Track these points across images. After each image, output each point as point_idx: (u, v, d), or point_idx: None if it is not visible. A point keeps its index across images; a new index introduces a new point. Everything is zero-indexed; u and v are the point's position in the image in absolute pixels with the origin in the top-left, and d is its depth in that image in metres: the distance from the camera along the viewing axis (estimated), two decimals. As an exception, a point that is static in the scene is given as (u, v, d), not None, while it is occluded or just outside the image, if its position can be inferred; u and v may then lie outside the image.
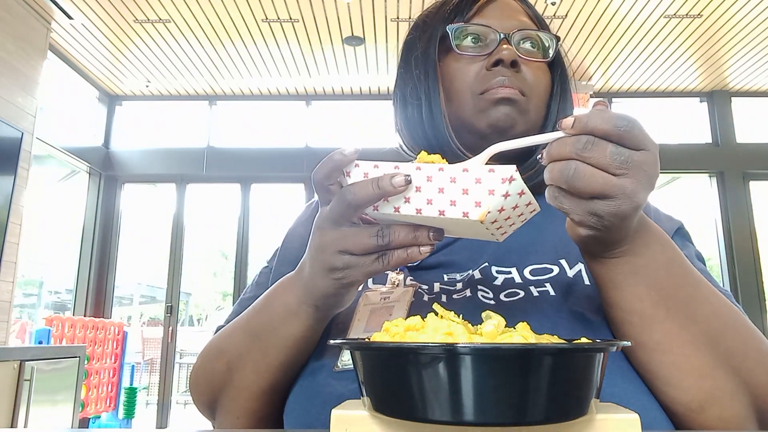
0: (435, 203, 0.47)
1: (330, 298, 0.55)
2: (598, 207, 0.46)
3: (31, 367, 3.00)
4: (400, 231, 0.50)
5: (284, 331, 0.59)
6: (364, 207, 0.50)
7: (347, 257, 0.52)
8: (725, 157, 5.44)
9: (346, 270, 0.52)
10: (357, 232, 0.51)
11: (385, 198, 0.49)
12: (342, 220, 0.52)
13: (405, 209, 0.49)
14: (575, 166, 0.45)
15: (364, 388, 0.40)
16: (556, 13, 4.20)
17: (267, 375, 0.60)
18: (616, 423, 0.38)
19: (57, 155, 4.86)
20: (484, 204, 0.45)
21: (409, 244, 0.50)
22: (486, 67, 0.70)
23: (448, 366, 0.34)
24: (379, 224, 0.51)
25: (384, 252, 0.51)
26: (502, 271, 0.66)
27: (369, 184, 0.49)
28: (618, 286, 0.52)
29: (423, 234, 0.50)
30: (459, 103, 0.71)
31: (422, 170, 0.48)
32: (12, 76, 3.81)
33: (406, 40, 0.80)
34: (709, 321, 0.52)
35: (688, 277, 0.53)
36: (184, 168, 5.57)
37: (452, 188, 0.47)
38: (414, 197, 0.48)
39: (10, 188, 3.74)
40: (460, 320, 0.42)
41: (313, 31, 4.49)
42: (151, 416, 5.33)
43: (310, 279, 0.55)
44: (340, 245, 0.52)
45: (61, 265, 5.37)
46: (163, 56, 4.89)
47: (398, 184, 0.47)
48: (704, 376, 0.51)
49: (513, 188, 0.45)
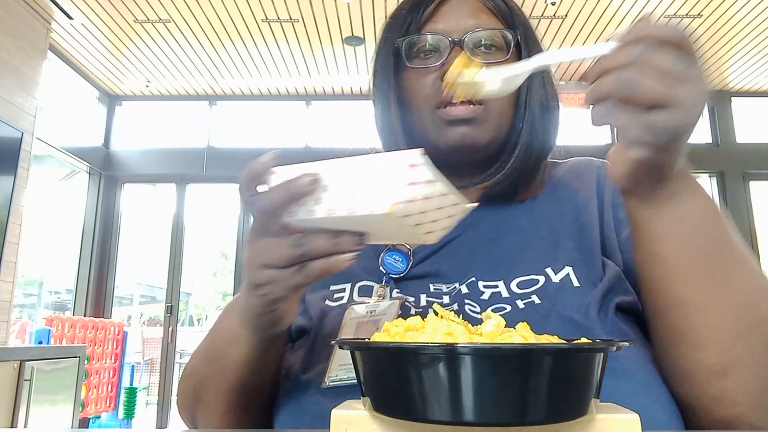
0: (344, 201, 0.43)
1: (262, 318, 0.52)
2: (657, 119, 0.43)
3: (31, 367, 3.00)
4: (319, 238, 0.47)
5: (232, 355, 0.57)
6: (277, 214, 0.47)
7: (269, 271, 0.48)
8: (725, 157, 5.44)
9: (269, 285, 0.49)
10: (276, 243, 0.48)
11: (299, 202, 0.46)
12: (263, 232, 0.49)
13: (319, 212, 0.45)
14: (636, 72, 0.43)
15: (364, 388, 0.40)
16: (556, 13, 4.20)
17: (228, 396, 0.60)
18: (616, 423, 0.38)
19: (57, 155, 4.86)
20: (390, 195, 0.41)
21: (330, 252, 0.47)
22: (439, 78, 0.67)
23: (448, 366, 0.34)
24: (303, 233, 0.48)
25: (305, 263, 0.48)
26: (489, 285, 0.64)
27: (278, 189, 0.46)
28: (664, 236, 0.51)
29: (344, 240, 0.47)
30: (419, 118, 0.70)
31: (331, 166, 0.45)
32: (12, 76, 3.80)
33: (377, 42, 0.78)
34: (747, 283, 0.51)
35: (729, 234, 0.52)
36: (184, 168, 5.56)
37: (358, 182, 0.43)
38: (325, 197, 0.45)
39: (10, 188, 3.74)
40: (460, 320, 0.42)
41: (313, 31, 4.48)
42: (151, 416, 5.34)
43: (244, 299, 0.53)
44: (262, 258, 0.49)
45: (61, 265, 5.37)
46: (163, 56, 4.89)
47: (304, 184, 0.44)
48: (736, 338, 0.50)
49: (419, 175, 0.41)
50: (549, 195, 0.72)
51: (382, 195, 0.41)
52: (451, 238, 0.68)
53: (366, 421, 0.39)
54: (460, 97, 0.62)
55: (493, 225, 0.70)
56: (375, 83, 0.75)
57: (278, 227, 0.48)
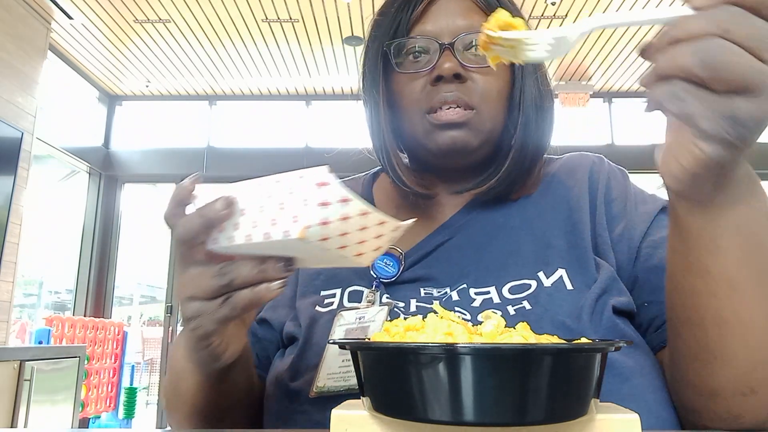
0: (260, 226, 0.41)
1: (200, 354, 0.49)
2: (738, 106, 0.35)
3: (31, 367, 3.00)
4: (244, 266, 0.43)
5: (184, 387, 0.56)
6: (195, 241, 0.44)
7: (196, 304, 0.45)
8: None
9: (197, 319, 0.45)
10: (200, 273, 0.45)
11: (218, 228, 0.43)
12: (186, 261, 0.46)
13: (238, 237, 0.42)
14: (719, 45, 0.34)
15: (364, 388, 0.40)
16: (556, 14, 4.20)
17: (192, 420, 0.59)
18: (616, 423, 0.38)
19: (57, 155, 4.86)
20: (301, 218, 0.38)
21: (256, 281, 0.43)
22: (429, 83, 0.65)
23: (448, 366, 0.34)
24: (228, 260, 0.45)
25: (231, 294, 0.44)
26: (480, 292, 0.62)
27: (194, 215, 0.43)
28: (717, 248, 0.44)
29: (270, 267, 0.43)
30: (410, 122, 0.68)
31: (245, 188, 0.42)
32: (12, 76, 3.80)
33: (365, 40, 0.75)
34: None
35: None
36: (184, 168, 5.56)
37: (270, 204, 0.40)
38: (242, 222, 0.42)
39: (10, 188, 3.73)
40: (460, 320, 0.42)
41: (313, 31, 4.48)
42: (151, 416, 5.34)
43: (183, 334, 0.51)
44: (187, 290, 0.45)
45: (61, 265, 5.37)
46: (163, 56, 4.89)
47: (218, 209, 0.42)
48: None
49: (330, 195, 0.38)
50: (543, 192, 0.70)
51: (293, 217, 0.39)
52: (442, 240, 0.68)
53: (366, 421, 0.39)
54: (497, 60, 0.46)
55: (485, 226, 0.68)
56: (364, 84, 0.73)
57: (202, 255, 0.45)
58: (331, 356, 0.59)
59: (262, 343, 0.70)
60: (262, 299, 0.44)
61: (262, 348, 0.70)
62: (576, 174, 0.71)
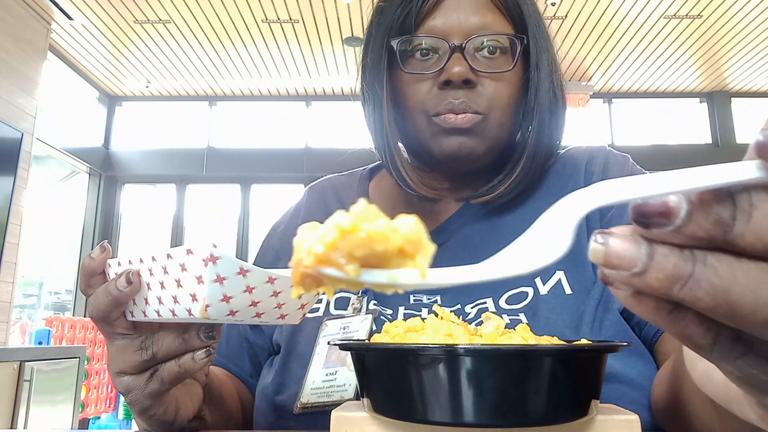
0: (165, 302, 0.39)
1: (148, 421, 0.47)
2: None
3: (31, 367, 3.00)
4: (165, 338, 0.42)
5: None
6: (107, 318, 0.43)
7: (125, 379, 0.44)
8: (725, 157, 5.32)
9: (130, 394, 0.44)
10: (125, 346, 0.44)
11: (127, 303, 0.42)
12: (108, 336, 0.44)
13: (149, 312, 0.41)
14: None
15: (364, 389, 0.40)
16: (556, 14, 4.19)
17: None
18: (617, 424, 0.38)
19: (57, 156, 4.86)
20: (199, 295, 0.36)
21: (180, 352, 0.42)
22: (437, 86, 0.62)
23: (448, 367, 0.34)
24: (152, 328, 0.43)
25: (156, 367, 0.43)
26: (476, 303, 0.60)
27: (102, 292, 0.42)
28: None
29: (191, 336, 0.42)
30: (414, 123, 0.64)
31: (147, 263, 0.40)
32: (12, 76, 3.80)
33: (367, 27, 0.70)
34: None
35: None
36: (184, 168, 5.56)
37: (169, 281, 0.38)
38: (150, 297, 0.40)
39: (10, 189, 3.73)
40: (459, 321, 0.42)
41: (313, 32, 4.48)
42: (151, 417, 5.32)
43: None
44: (115, 366, 0.44)
45: (61, 265, 5.36)
46: (163, 56, 4.88)
47: (121, 286, 0.40)
48: None
49: (223, 269, 0.36)
50: (542, 191, 0.68)
51: (191, 295, 0.37)
52: (436, 244, 0.66)
53: (366, 422, 0.39)
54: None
55: (481, 228, 0.66)
56: (365, 78, 0.68)
57: (123, 328, 0.44)
58: (314, 371, 0.58)
59: (255, 348, 0.69)
60: (188, 371, 0.43)
61: (254, 354, 0.69)
62: (573, 170, 0.69)
